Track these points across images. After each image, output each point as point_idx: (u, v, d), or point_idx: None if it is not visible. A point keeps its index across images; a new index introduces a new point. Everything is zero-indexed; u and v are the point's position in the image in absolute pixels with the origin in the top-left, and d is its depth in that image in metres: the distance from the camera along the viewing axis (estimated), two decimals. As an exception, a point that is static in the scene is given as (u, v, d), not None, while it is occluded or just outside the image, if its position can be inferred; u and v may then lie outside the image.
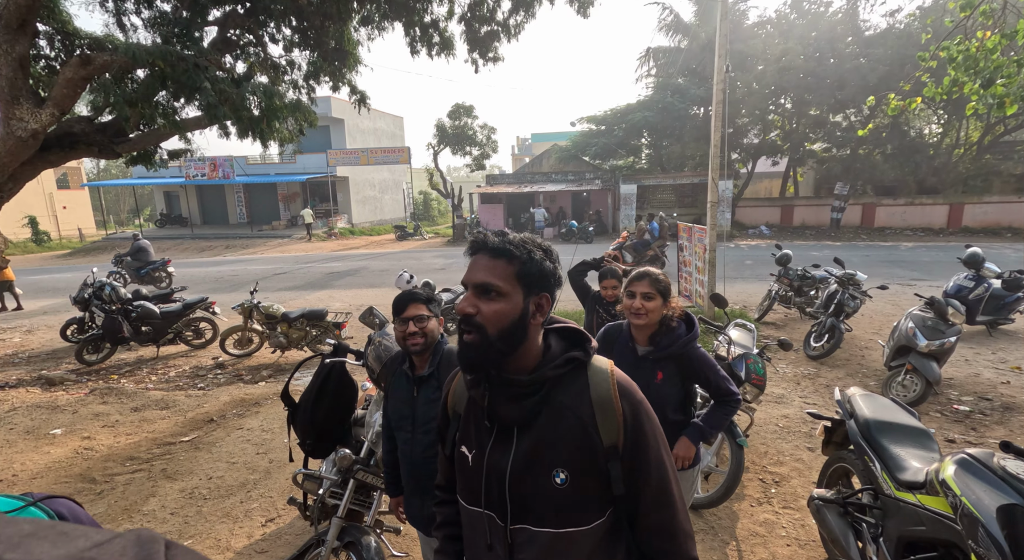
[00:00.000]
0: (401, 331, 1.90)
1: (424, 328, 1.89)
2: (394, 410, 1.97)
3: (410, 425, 1.90)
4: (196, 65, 5.05)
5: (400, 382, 1.99)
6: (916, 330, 4.87)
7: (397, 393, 1.97)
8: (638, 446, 1.04)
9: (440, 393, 1.77)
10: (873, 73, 18.21)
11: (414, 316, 1.89)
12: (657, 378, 2.07)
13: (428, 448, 1.88)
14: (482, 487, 1.06)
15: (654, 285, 2.07)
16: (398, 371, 2.01)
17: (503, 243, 1.03)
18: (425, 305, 1.92)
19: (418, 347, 1.88)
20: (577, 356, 1.06)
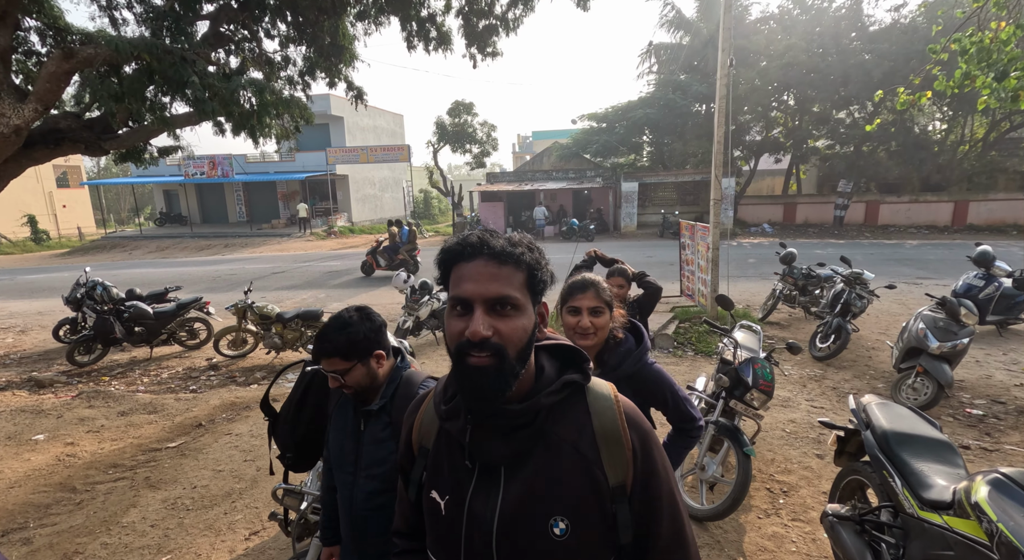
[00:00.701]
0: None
1: (345, 382, 1.57)
2: (336, 444, 1.66)
3: (352, 467, 1.59)
4: (184, 58, 4.90)
5: (345, 411, 1.67)
6: (927, 331, 4.72)
7: (340, 424, 1.66)
8: (649, 484, 0.88)
9: (392, 431, 1.54)
10: (878, 69, 18.00)
11: (330, 371, 1.57)
12: None
13: (373, 497, 1.56)
14: (461, 541, 0.87)
15: (600, 296, 1.74)
16: (343, 398, 1.69)
17: (509, 245, 0.85)
18: (339, 357, 1.54)
19: (349, 393, 1.60)
20: (575, 379, 0.90)
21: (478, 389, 0.80)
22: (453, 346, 0.83)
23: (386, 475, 1.53)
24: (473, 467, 0.88)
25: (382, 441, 1.55)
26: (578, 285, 1.76)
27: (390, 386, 1.61)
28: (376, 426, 1.57)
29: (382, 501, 1.54)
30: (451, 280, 0.86)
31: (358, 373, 1.57)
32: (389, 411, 1.58)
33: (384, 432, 1.56)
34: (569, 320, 1.75)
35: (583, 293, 1.74)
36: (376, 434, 1.57)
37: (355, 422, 1.62)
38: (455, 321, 0.83)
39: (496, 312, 0.81)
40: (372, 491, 1.55)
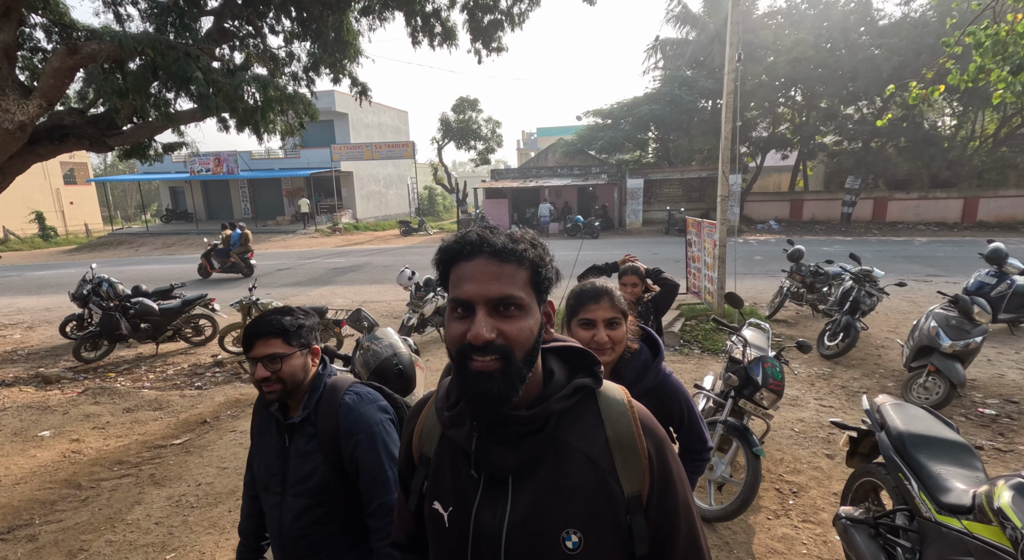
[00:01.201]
0: (251, 374, 1.44)
1: (279, 372, 1.41)
2: (261, 463, 1.52)
3: (280, 486, 1.46)
4: (187, 54, 4.87)
5: (269, 427, 1.53)
6: (939, 329, 4.64)
7: (265, 441, 1.52)
8: (666, 494, 0.83)
9: (317, 443, 1.43)
10: (887, 63, 17.79)
11: (264, 356, 1.40)
12: None
13: (303, 514, 1.43)
14: (467, 555, 0.82)
15: (616, 306, 1.52)
16: (265, 413, 1.54)
17: (510, 242, 0.79)
18: (281, 338, 1.42)
19: (274, 395, 1.42)
20: (586, 384, 0.85)
21: (483, 395, 0.75)
22: (454, 349, 0.78)
23: (314, 490, 1.43)
24: (479, 477, 0.83)
25: (308, 454, 1.43)
26: (589, 294, 1.52)
27: (313, 395, 1.47)
28: (300, 439, 1.45)
29: (313, 518, 1.44)
30: (451, 281, 0.80)
31: (296, 363, 1.44)
32: (313, 421, 1.45)
33: (309, 445, 1.44)
34: (582, 335, 1.50)
35: (596, 303, 1.50)
36: (301, 448, 1.44)
37: (279, 439, 1.49)
38: (456, 324, 0.78)
39: (499, 313, 0.76)
40: (302, 509, 1.43)
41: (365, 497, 1.43)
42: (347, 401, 1.46)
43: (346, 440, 1.42)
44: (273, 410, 1.48)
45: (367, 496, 1.43)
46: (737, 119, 7.48)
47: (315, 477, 1.42)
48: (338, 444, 1.42)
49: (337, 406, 1.45)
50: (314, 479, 1.42)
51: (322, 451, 1.42)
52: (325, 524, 1.43)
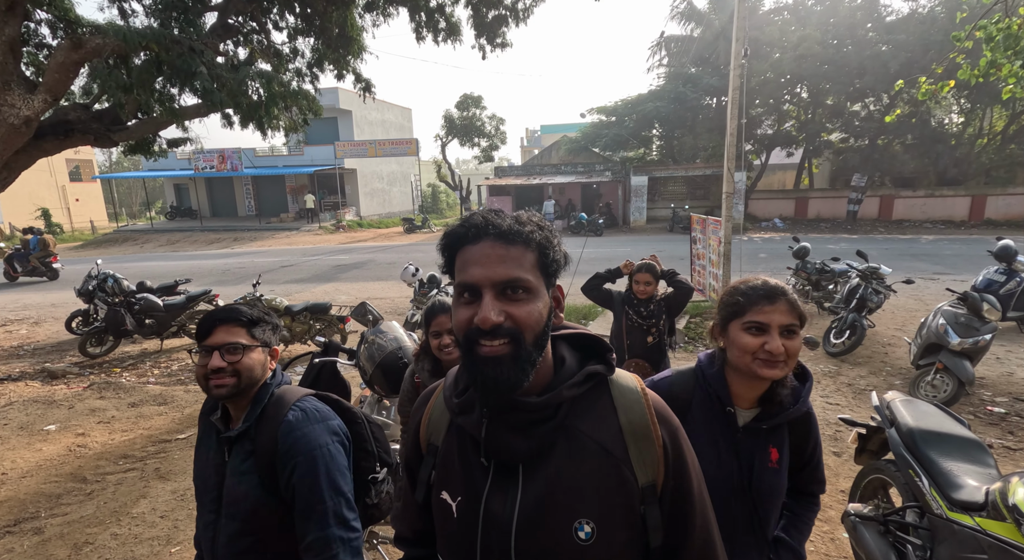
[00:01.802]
0: (201, 366, 1.28)
1: (238, 364, 1.27)
2: (199, 478, 1.36)
3: (215, 504, 1.30)
4: (192, 49, 4.86)
5: (208, 437, 1.37)
6: (948, 327, 4.60)
7: (203, 453, 1.36)
8: (681, 484, 0.82)
9: (254, 462, 1.27)
10: (895, 60, 17.66)
11: (223, 344, 1.28)
12: (772, 459, 1.24)
13: (235, 540, 1.26)
14: (477, 547, 0.80)
15: (795, 311, 1.21)
16: (205, 427, 1.38)
17: (516, 224, 0.78)
18: (246, 328, 1.31)
19: (224, 391, 1.26)
20: (598, 371, 0.83)
21: (492, 380, 0.73)
22: (461, 335, 0.76)
23: (245, 515, 1.26)
24: (488, 465, 0.81)
25: (243, 474, 1.27)
26: (762, 292, 1.22)
27: (256, 406, 1.31)
28: (238, 456, 1.29)
29: (243, 545, 1.27)
30: (456, 266, 0.79)
31: (256, 358, 1.31)
32: (253, 436, 1.29)
33: (245, 464, 1.27)
34: (747, 341, 1.20)
35: (771, 304, 1.20)
36: (237, 465, 1.28)
37: (219, 452, 1.32)
38: (462, 309, 0.76)
39: (507, 297, 0.75)
40: (233, 533, 1.27)
41: (300, 529, 1.26)
42: (289, 419, 1.29)
43: (283, 463, 1.25)
44: (215, 419, 1.33)
45: (302, 528, 1.25)
46: (743, 116, 7.43)
47: (248, 500, 1.26)
48: (275, 466, 1.26)
49: (279, 423, 1.28)
50: (247, 502, 1.26)
51: (258, 472, 1.26)
52: (257, 554, 1.28)
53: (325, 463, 1.27)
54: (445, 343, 1.88)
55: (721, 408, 1.26)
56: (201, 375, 1.28)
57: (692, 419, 1.24)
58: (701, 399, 1.28)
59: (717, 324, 1.30)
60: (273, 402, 1.32)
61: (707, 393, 1.28)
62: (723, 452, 1.24)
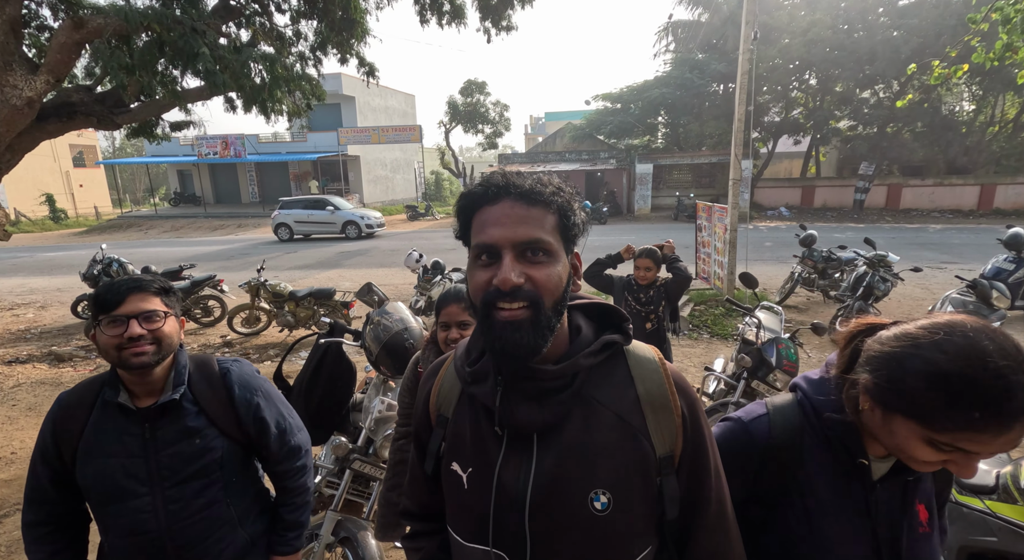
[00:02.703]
0: (114, 336, 1.24)
1: (158, 331, 1.28)
2: (106, 470, 1.29)
3: (146, 483, 1.30)
4: (194, 30, 4.80)
5: (105, 424, 1.31)
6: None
7: (105, 442, 1.30)
8: (698, 456, 0.80)
9: (205, 419, 1.35)
10: (906, 45, 17.36)
11: (140, 312, 1.26)
12: (921, 521, 0.91)
13: (191, 501, 1.32)
14: (489, 517, 0.78)
15: None
16: (98, 402, 1.33)
17: (538, 185, 0.75)
18: (158, 296, 1.31)
19: (145, 358, 1.26)
20: (615, 340, 0.81)
21: (511, 345, 0.71)
22: (479, 298, 0.74)
23: (206, 469, 1.34)
24: (502, 434, 0.79)
25: (195, 432, 1.33)
26: (1007, 412, 0.70)
27: (183, 370, 1.36)
28: (176, 422, 1.32)
29: (206, 500, 1.35)
30: (473, 228, 0.77)
31: (174, 327, 1.33)
32: (194, 398, 1.36)
33: (197, 421, 1.34)
34: (927, 457, 0.79)
35: (1005, 432, 0.71)
36: (182, 428, 1.32)
37: (137, 430, 1.31)
38: (480, 271, 0.74)
39: (527, 259, 0.73)
40: (190, 495, 1.32)
41: (276, 447, 1.47)
42: (231, 369, 1.44)
43: (244, 405, 1.41)
44: (120, 400, 1.30)
45: (278, 446, 1.47)
46: (751, 102, 7.32)
47: (211, 453, 1.35)
48: (235, 412, 1.40)
49: (221, 376, 1.41)
50: (209, 455, 1.35)
51: (216, 423, 1.37)
52: (219, 503, 1.37)
53: (275, 392, 1.52)
54: (453, 337, 1.71)
55: (848, 459, 0.89)
56: (113, 345, 1.25)
57: (806, 475, 0.90)
58: (814, 445, 0.91)
59: (872, 392, 0.80)
60: (197, 364, 1.41)
61: (822, 438, 0.91)
62: (854, 518, 0.89)
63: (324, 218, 17.83)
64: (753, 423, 0.94)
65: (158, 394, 1.33)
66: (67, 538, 1.39)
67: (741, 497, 0.92)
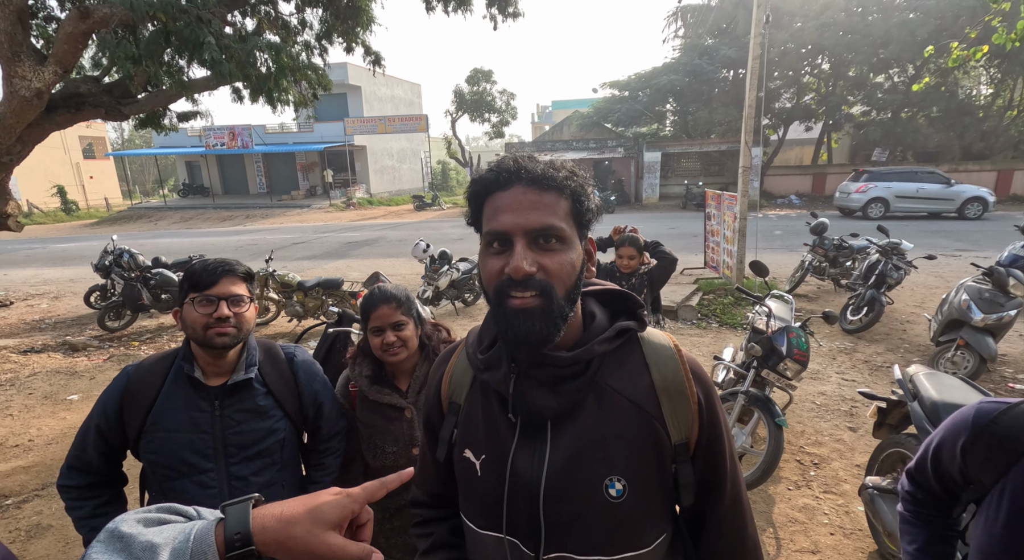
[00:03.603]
0: (205, 315, 1.30)
1: (241, 315, 1.35)
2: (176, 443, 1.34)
3: (212, 459, 1.36)
4: (199, 19, 4.78)
5: (176, 399, 1.36)
6: (971, 303, 4.49)
7: (176, 416, 1.34)
8: (713, 443, 0.80)
9: (272, 400, 1.43)
10: (923, 27, 16.95)
11: (230, 295, 1.33)
12: None
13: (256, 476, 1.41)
14: (503, 505, 0.78)
15: None
16: (169, 377, 1.38)
17: (550, 169, 0.73)
18: (245, 282, 1.38)
19: (227, 339, 1.33)
20: (630, 326, 0.80)
21: (523, 333, 0.70)
22: (491, 288, 0.73)
23: (269, 448, 1.42)
24: (515, 422, 0.79)
25: (262, 412, 1.41)
26: None
27: (253, 353, 1.43)
28: (245, 401, 1.39)
29: (268, 477, 1.43)
30: (484, 214, 0.75)
31: (252, 312, 1.39)
32: (261, 380, 1.44)
33: (265, 401, 1.42)
34: None
35: None
36: (251, 407, 1.40)
37: (208, 406, 1.37)
38: (492, 259, 0.73)
39: (539, 246, 0.71)
40: (255, 471, 1.40)
41: (326, 430, 1.59)
42: (296, 354, 1.56)
43: (308, 389, 1.52)
44: (197, 374, 1.36)
45: (328, 429, 1.59)
46: (762, 87, 7.19)
47: (275, 434, 1.43)
48: (299, 396, 1.50)
49: (287, 361, 1.52)
50: (274, 436, 1.43)
51: (281, 406, 1.45)
52: (275, 485, 1.45)
53: (327, 381, 1.63)
54: (389, 341, 1.56)
55: None
56: (201, 324, 1.30)
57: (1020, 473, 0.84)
58: None
59: None
60: (263, 349, 1.49)
61: None
62: None
63: (937, 194, 14.97)
64: (999, 406, 0.91)
65: (228, 374, 1.40)
66: (108, 494, 1.43)
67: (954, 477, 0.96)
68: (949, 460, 0.96)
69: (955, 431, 0.96)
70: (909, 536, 1.09)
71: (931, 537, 1.06)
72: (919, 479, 1.08)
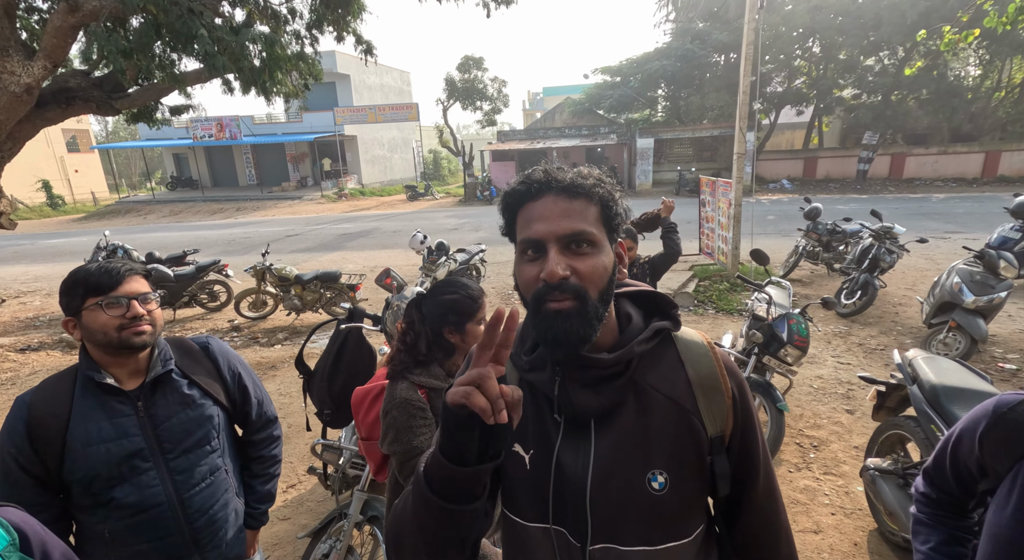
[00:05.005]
0: (116, 316, 1.27)
1: (152, 312, 1.34)
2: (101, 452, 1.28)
3: (148, 458, 1.33)
4: (191, 10, 4.70)
5: (93, 410, 1.30)
6: (962, 285, 4.58)
7: (95, 430, 1.29)
8: (747, 435, 0.84)
9: (195, 391, 1.43)
10: (913, 9, 16.94)
11: (139, 294, 1.31)
12: None
13: (196, 468, 1.40)
14: (550, 497, 0.82)
15: None
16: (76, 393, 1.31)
17: (579, 178, 0.78)
18: (146, 280, 1.37)
19: (146, 337, 1.32)
20: (666, 326, 0.84)
21: (561, 333, 0.73)
22: (530, 294, 0.77)
23: (206, 437, 1.43)
24: (560, 420, 0.83)
25: (191, 403, 1.41)
26: None
27: (164, 349, 1.43)
28: (171, 395, 1.39)
29: (210, 466, 1.44)
30: (518, 225, 0.79)
31: (159, 309, 1.39)
32: (180, 371, 1.43)
33: (192, 390, 1.43)
34: None
35: None
36: (180, 399, 1.40)
37: (129, 408, 1.33)
38: (528, 267, 0.77)
39: (571, 251, 0.75)
40: (194, 463, 1.40)
41: (256, 415, 1.60)
42: (210, 343, 1.56)
43: (231, 375, 1.54)
44: (108, 381, 1.31)
45: (257, 413, 1.61)
46: (758, 71, 7.20)
47: (209, 420, 1.45)
48: (222, 381, 1.52)
49: (202, 350, 1.53)
50: (208, 423, 1.44)
51: (209, 394, 1.47)
52: (220, 470, 1.48)
53: (249, 366, 1.63)
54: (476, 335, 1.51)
55: None
56: (114, 326, 1.28)
57: None
58: None
59: None
60: (173, 342, 1.49)
61: None
62: None
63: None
64: (1019, 395, 0.96)
65: (143, 374, 1.37)
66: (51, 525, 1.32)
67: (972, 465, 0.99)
68: (967, 451, 1.00)
69: (975, 421, 0.99)
70: (923, 536, 1.10)
71: (946, 538, 1.07)
72: (935, 477, 1.10)
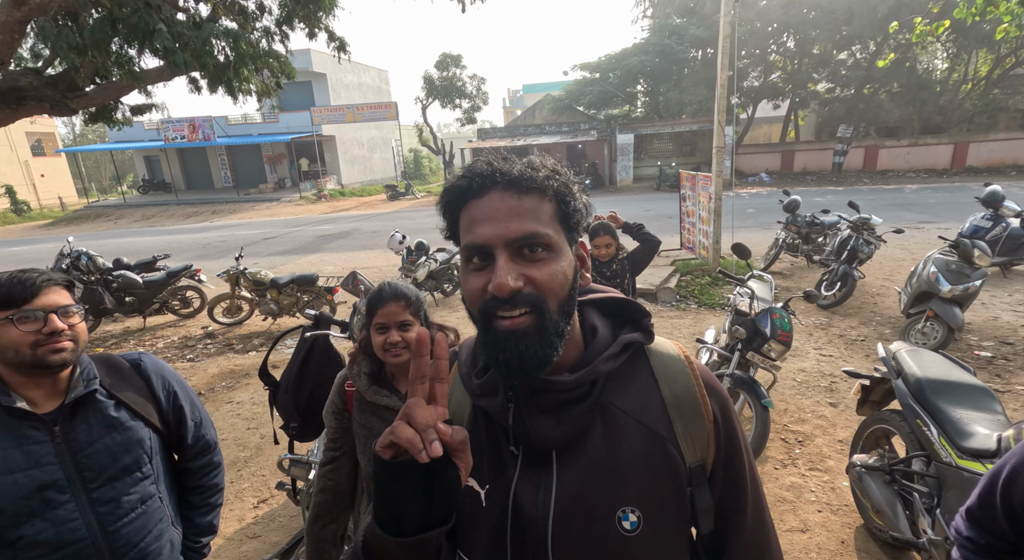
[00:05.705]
0: (31, 332, 1.14)
1: (74, 327, 1.21)
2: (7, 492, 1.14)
3: (67, 488, 1.19)
4: (148, 4, 4.48)
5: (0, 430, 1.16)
6: (939, 275, 4.62)
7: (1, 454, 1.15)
8: (732, 462, 0.73)
9: (127, 412, 1.29)
10: (883, 3, 17.25)
11: (58, 307, 1.18)
12: None
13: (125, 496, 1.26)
14: (507, 539, 0.70)
15: None
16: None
17: (528, 169, 0.65)
18: (68, 291, 1.24)
19: (67, 354, 1.18)
20: (636, 339, 0.73)
21: (516, 358, 0.61)
22: (475, 307, 0.65)
23: (137, 462, 1.29)
24: (517, 452, 0.71)
25: (119, 426, 1.27)
26: None
27: (86, 368, 1.28)
28: (93, 418, 1.24)
29: (141, 494, 1.30)
30: (461, 226, 0.67)
31: (82, 324, 1.24)
32: (107, 391, 1.29)
33: (120, 414, 1.28)
34: None
35: None
36: (105, 422, 1.25)
37: (44, 436, 1.19)
38: (473, 277, 0.64)
39: (524, 257, 0.63)
40: (122, 492, 1.26)
41: (192, 439, 1.46)
42: (143, 359, 1.42)
43: (165, 394, 1.40)
44: (20, 404, 1.16)
45: (194, 438, 1.46)
46: (734, 66, 7.20)
47: (142, 443, 1.31)
48: (156, 401, 1.38)
49: (133, 368, 1.39)
50: (140, 447, 1.30)
51: (140, 415, 1.33)
52: (153, 498, 1.34)
53: (187, 386, 1.50)
54: (393, 341, 1.45)
55: None
56: (27, 343, 1.13)
57: None
58: None
59: None
60: (99, 360, 1.34)
61: None
62: None
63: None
64: None
65: (62, 396, 1.22)
66: None
67: None
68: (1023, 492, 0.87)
69: None
70: None
71: None
72: (983, 519, 0.96)
